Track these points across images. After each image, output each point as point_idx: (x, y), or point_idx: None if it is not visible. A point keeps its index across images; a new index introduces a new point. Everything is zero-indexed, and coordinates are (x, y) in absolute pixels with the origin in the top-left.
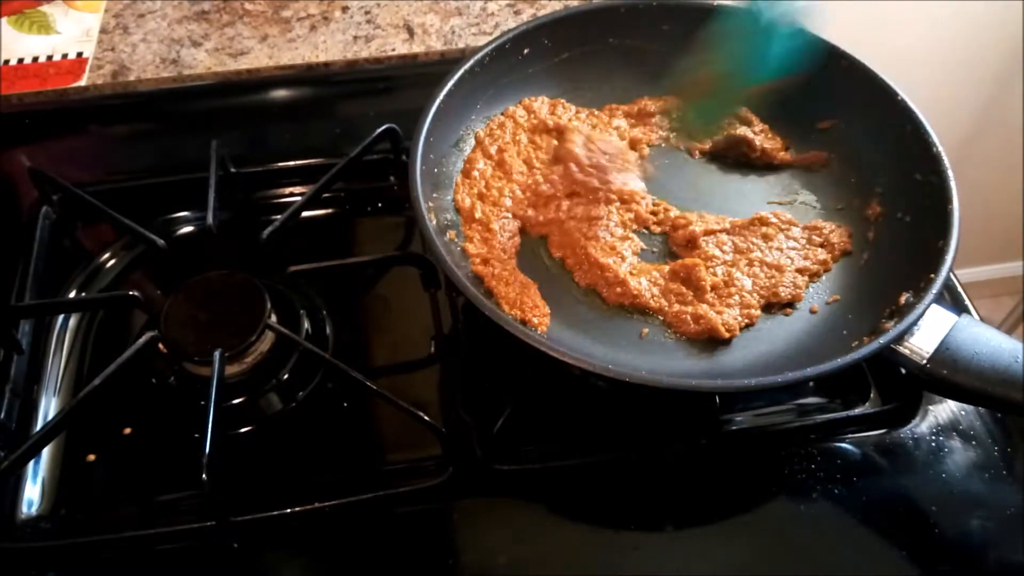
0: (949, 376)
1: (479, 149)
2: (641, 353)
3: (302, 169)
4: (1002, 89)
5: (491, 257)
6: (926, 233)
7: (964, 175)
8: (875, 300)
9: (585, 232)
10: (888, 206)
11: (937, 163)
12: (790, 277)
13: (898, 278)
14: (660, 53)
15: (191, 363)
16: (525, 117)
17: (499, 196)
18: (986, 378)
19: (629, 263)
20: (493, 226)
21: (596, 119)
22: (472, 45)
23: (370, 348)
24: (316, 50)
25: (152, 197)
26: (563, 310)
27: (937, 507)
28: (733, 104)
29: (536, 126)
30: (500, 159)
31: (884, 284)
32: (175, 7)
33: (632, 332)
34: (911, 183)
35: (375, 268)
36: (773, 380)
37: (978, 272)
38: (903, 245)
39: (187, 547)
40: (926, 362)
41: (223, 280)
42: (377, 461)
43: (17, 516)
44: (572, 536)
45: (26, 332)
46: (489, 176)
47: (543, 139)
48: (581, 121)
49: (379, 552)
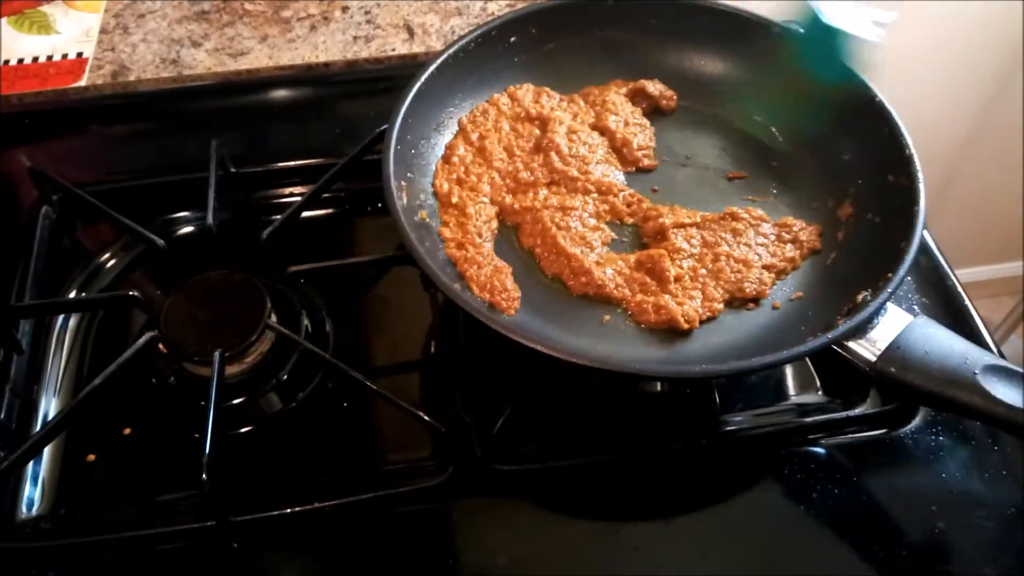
0: (897, 374)
1: (460, 135)
2: (599, 340)
3: (302, 169)
4: (1002, 89)
5: (465, 241)
6: (893, 234)
7: (964, 175)
8: (836, 298)
9: (557, 221)
10: (859, 207)
11: (909, 165)
12: (756, 273)
13: (861, 277)
14: (647, 46)
15: (191, 363)
16: (509, 105)
17: (478, 182)
18: (934, 378)
19: (597, 253)
20: (469, 211)
21: (577, 106)
22: None
23: (370, 348)
24: (316, 50)
25: (152, 197)
26: (531, 297)
27: (937, 507)
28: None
29: (519, 114)
30: (481, 146)
31: (847, 283)
32: (175, 7)
33: (593, 320)
34: (883, 184)
35: (375, 268)
36: (718, 368)
37: (977, 272)
38: (870, 245)
39: (187, 547)
40: (876, 359)
41: (223, 280)
42: (377, 461)
43: (17, 516)
44: (572, 536)
45: (26, 332)
46: (469, 162)
47: (525, 127)
48: (564, 111)
49: (379, 552)
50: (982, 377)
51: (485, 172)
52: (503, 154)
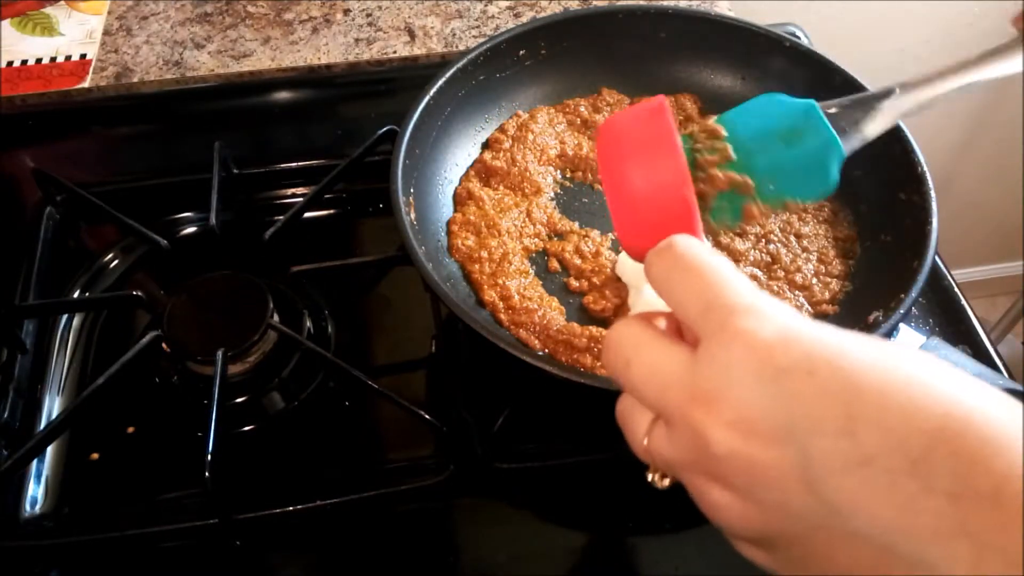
0: None
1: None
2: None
3: (304, 170)
4: (1001, 89)
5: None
6: (905, 253)
7: (962, 175)
8: (849, 319)
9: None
10: (870, 226)
11: (921, 184)
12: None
13: (875, 297)
14: (656, 60)
15: (194, 362)
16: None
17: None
18: None
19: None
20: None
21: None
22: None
23: (371, 347)
24: (318, 52)
25: (155, 198)
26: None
27: None
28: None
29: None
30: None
31: (860, 303)
32: (178, 9)
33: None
34: (895, 202)
35: (377, 268)
36: None
37: (974, 272)
38: (881, 264)
39: (190, 545)
40: None
41: (226, 280)
42: (378, 459)
43: (21, 515)
44: (572, 534)
45: (30, 332)
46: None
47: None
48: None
49: (380, 550)
50: None
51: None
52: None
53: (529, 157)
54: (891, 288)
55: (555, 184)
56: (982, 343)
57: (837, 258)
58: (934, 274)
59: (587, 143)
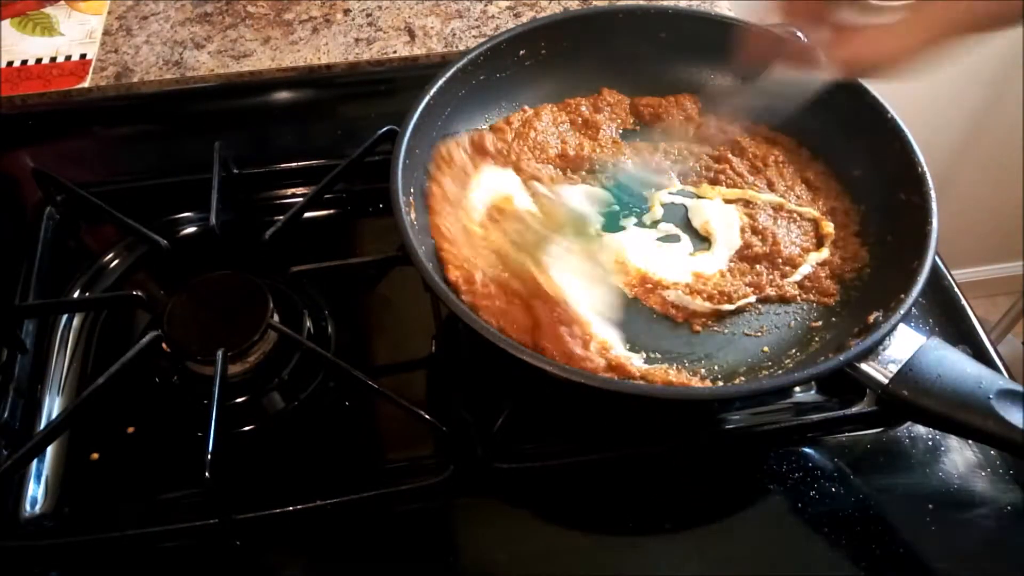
0: (910, 398)
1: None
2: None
3: (304, 170)
4: (1000, 89)
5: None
6: (904, 253)
7: (962, 175)
8: (850, 318)
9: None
10: (870, 227)
11: (921, 184)
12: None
13: (875, 297)
14: (656, 60)
15: (194, 362)
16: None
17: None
18: (948, 402)
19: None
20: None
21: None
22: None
23: (371, 347)
24: (318, 52)
25: (155, 198)
26: None
27: (934, 505)
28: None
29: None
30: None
31: (861, 303)
32: (178, 9)
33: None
34: (895, 202)
35: (376, 268)
36: (726, 391)
37: (974, 272)
38: (881, 265)
39: (190, 545)
40: (888, 382)
41: (226, 280)
42: (378, 459)
43: (21, 514)
44: (571, 534)
45: (30, 332)
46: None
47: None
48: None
49: (380, 549)
50: (997, 402)
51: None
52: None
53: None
54: (891, 288)
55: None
56: (982, 343)
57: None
58: (934, 274)
59: (588, 143)
